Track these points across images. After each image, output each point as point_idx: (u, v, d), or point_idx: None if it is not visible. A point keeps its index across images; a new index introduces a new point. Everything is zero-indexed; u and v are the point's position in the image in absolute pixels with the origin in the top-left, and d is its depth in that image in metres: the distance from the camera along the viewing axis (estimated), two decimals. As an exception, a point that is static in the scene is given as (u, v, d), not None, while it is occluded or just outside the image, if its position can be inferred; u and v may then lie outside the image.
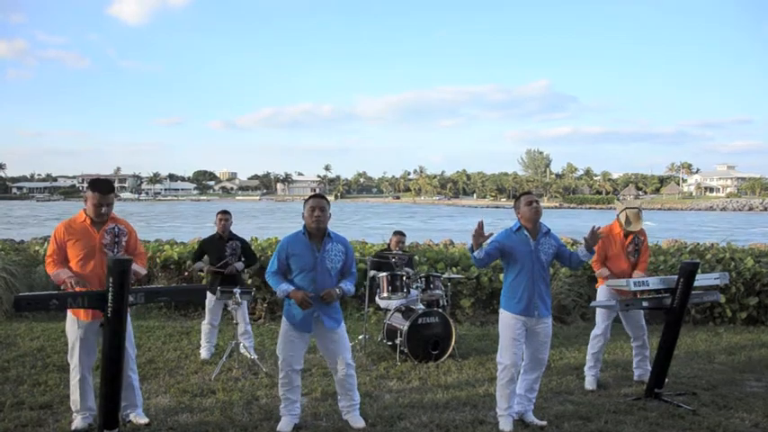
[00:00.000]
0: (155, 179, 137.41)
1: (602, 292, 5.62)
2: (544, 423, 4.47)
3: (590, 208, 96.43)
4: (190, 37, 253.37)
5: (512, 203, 4.73)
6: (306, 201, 4.34)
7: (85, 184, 4.31)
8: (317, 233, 4.27)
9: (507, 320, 4.49)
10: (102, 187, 4.12)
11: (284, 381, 4.33)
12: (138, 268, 4.22)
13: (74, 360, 4.18)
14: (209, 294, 6.31)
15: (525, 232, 4.50)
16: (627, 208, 5.55)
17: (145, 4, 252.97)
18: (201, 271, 6.31)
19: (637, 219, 5.48)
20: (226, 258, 6.33)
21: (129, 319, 4.31)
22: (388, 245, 7.66)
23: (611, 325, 5.58)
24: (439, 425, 4.40)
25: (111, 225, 4.21)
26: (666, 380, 5.18)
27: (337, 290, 4.28)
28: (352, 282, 4.43)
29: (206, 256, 6.54)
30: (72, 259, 4.11)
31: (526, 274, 4.45)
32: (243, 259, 6.51)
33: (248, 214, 60.24)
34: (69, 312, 4.12)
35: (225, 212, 6.53)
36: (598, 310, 5.58)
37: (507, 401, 4.43)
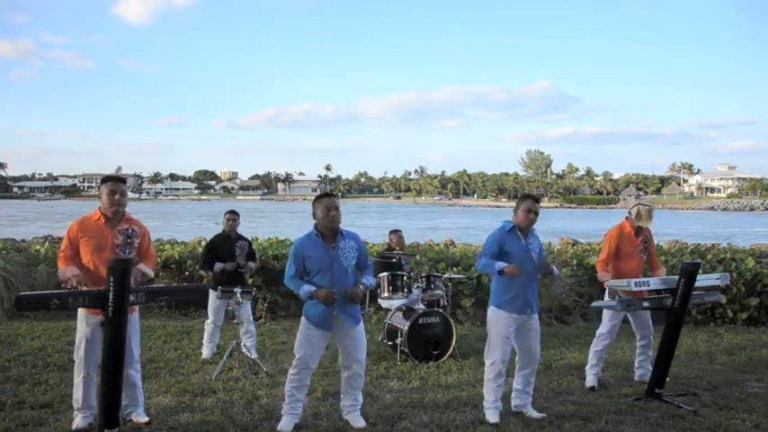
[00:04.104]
0: (156, 179, 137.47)
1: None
2: (543, 415, 4.55)
3: (591, 208, 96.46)
4: (192, 36, 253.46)
5: (512, 204, 4.79)
6: (317, 201, 4.33)
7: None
8: (330, 233, 4.27)
9: (500, 318, 4.60)
10: (115, 178, 4.26)
11: (296, 378, 4.33)
12: (147, 270, 4.23)
13: (79, 357, 4.18)
14: (212, 294, 6.31)
15: (518, 232, 4.62)
16: (640, 204, 5.60)
17: (148, 4, 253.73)
18: (224, 272, 6.29)
19: (648, 216, 5.50)
20: (236, 258, 6.35)
21: (136, 318, 4.33)
22: (389, 244, 7.67)
23: (618, 325, 5.57)
24: (439, 425, 4.40)
25: (124, 225, 4.21)
26: (667, 380, 5.18)
27: (360, 286, 4.31)
28: (371, 274, 4.48)
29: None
30: (84, 257, 4.12)
31: (520, 272, 4.52)
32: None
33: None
34: (80, 309, 4.11)
35: (233, 212, 6.57)
36: (605, 309, 5.58)
37: (494, 395, 4.57)
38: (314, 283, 4.24)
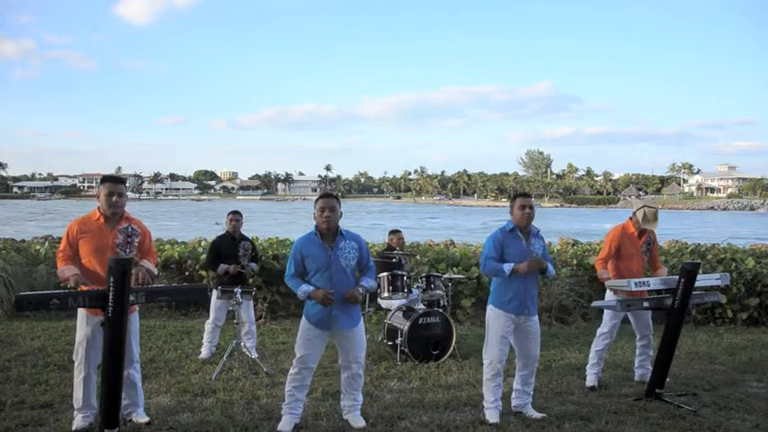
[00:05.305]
0: (156, 179, 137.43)
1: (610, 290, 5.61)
2: (543, 415, 4.56)
3: (591, 208, 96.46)
4: (194, 36, 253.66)
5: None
6: (316, 201, 4.36)
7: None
8: (328, 232, 4.29)
9: (498, 317, 4.60)
10: (113, 178, 4.24)
11: (296, 377, 4.33)
12: (152, 267, 4.25)
13: (79, 357, 4.18)
14: (214, 293, 6.31)
15: (518, 232, 4.60)
16: (646, 206, 5.56)
17: (150, 4, 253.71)
18: (227, 273, 6.28)
19: (654, 218, 5.49)
20: (240, 259, 6.36)
21: (136, 317, 4.33)
22: (389, 244, 7.66)
23: (618, 325, 5.57)
24: (440, 425, 4.39)
25: (124, 225, 4.20)
26: (667, 380, 5.18)
27: (360, 289, 4.31)
28: (372, 276, 4.47)
29: None
30: (83, 257, 4.11)
31: (520, 273, 4.52)
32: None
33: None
34: (80, 309, 4.11)
35: (236, 213, 6.58)
36: (606, 309, 5.58)
37: (493, 395, 4.57)
38: (313, 283, 4.26)
